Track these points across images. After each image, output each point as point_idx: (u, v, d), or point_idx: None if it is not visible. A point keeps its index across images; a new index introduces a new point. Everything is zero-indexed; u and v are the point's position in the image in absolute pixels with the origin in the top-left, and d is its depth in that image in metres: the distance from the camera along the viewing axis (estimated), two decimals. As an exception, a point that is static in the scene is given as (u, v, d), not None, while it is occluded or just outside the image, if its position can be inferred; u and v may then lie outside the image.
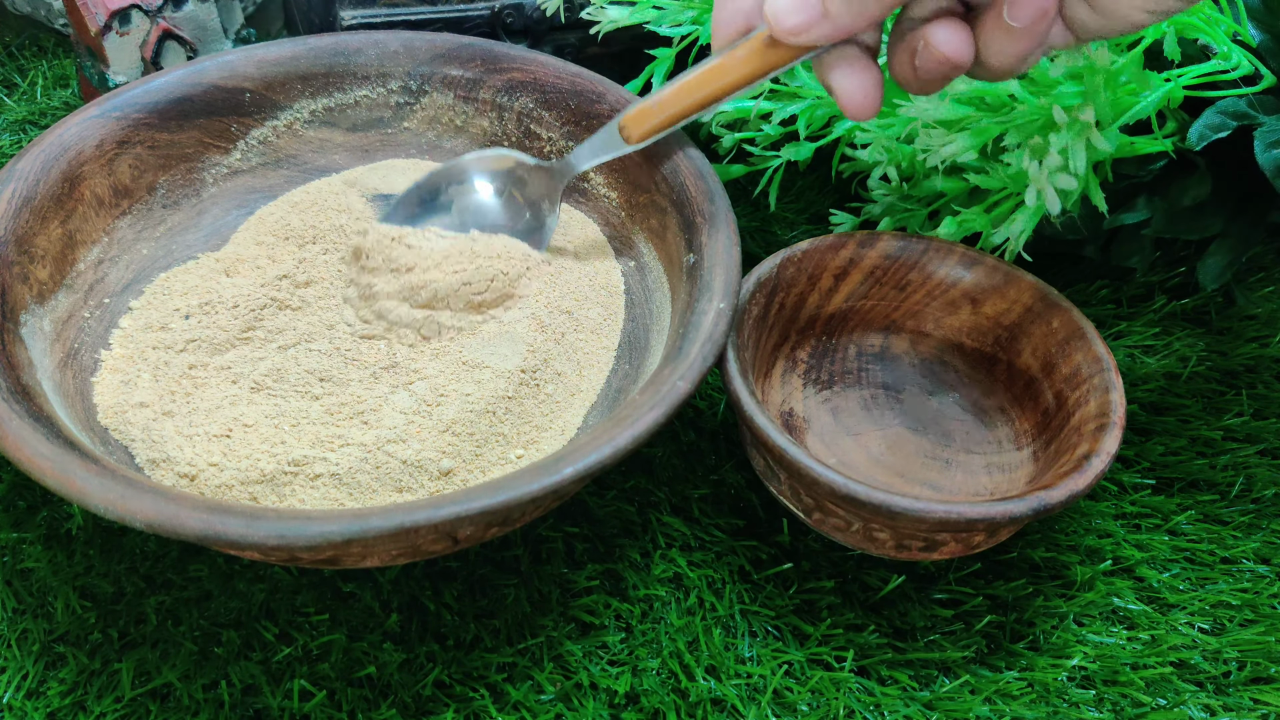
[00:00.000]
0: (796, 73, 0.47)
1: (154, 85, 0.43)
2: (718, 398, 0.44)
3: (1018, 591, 0.38)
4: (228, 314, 0.40)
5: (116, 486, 0.28)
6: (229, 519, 0.27)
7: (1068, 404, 0.38)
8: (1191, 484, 0.42)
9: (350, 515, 0.28)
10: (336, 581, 0.36)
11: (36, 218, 0.38)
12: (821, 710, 0.34)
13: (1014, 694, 0.35)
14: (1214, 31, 0.41)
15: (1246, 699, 0.35)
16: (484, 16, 0.53)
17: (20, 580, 0.36)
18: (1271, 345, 0.48)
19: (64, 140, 0.40)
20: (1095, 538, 0.40)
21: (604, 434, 0.31)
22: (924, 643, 0.36)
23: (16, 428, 0.30)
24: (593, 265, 0.43)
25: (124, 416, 0.36)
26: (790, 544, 0.39)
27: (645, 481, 0.40)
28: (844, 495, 0.33)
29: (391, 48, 0.47)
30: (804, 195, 0.55)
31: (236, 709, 0.33)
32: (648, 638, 0.36)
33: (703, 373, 0.33)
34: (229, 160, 0.46)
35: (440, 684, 0.34)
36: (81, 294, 0.39)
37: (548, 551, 0.38)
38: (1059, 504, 0.32)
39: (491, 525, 0.33)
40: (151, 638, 0.35)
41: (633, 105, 0.38)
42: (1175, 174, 0.46)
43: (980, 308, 0.42)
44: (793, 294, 0.41)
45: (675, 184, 0.41)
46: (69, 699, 0.33)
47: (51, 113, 0.57)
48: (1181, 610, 0.38)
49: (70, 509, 0.38)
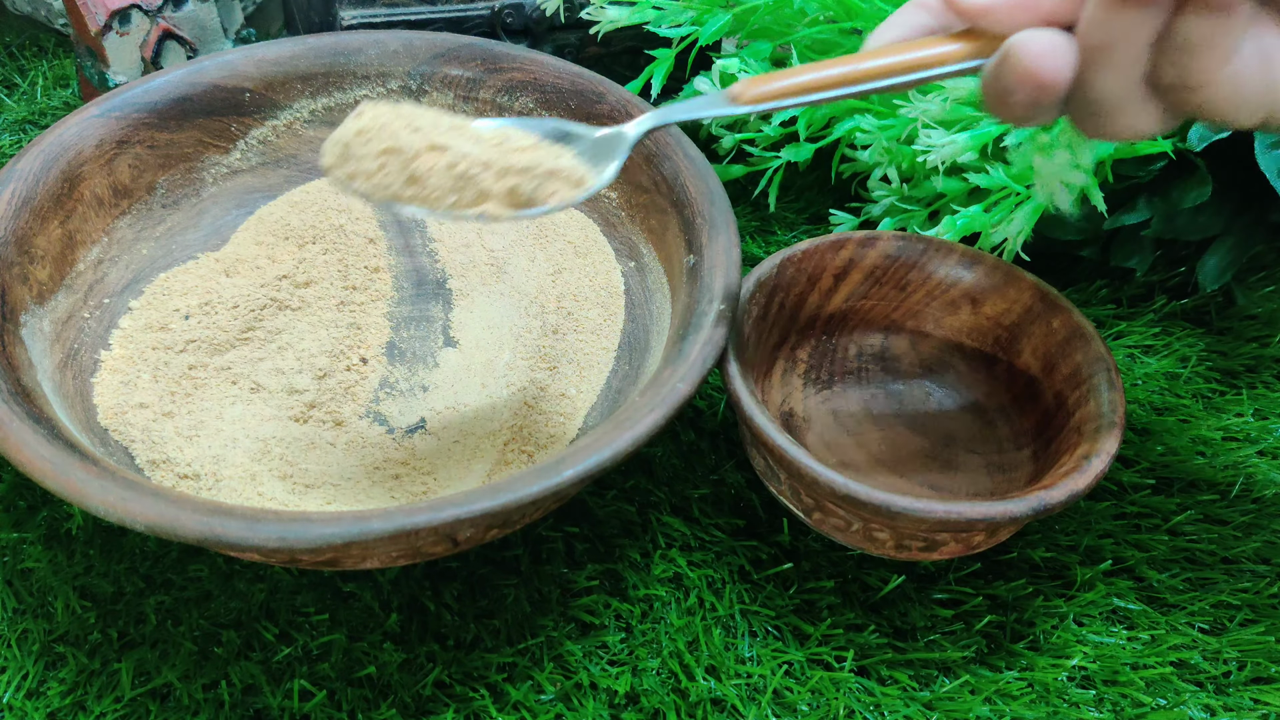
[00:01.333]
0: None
1: (154, 85, 0.43)
2: (718, 398, 0.44)
3: (1018, 591, 0.38)
4: (227, 314, 0.40)
5: (117, 488, 0.28)
6: (229, 521, 0.27)
7: (1068, 404, 0.38)
8: (1191, 484, 0.42)
9: (350, 517, 0.28)
10: (336, 582, 0.36)
11: (36, 218, 0.38)
12: (821, 710, 0.34)
13: (1014, 694, 0.35)
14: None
15: (1246, 699, 0.35)
16: (484, 16, 0.53)
17: (20, 580, 0.36)
18: (1271, 345, 0.48)
19: (64, 140, 0.40)
20: (1095, 538, 0.40)
21: (604, 436, 0.31)
22: (924, 643, 0.36)
23: (17, 429, 0.30)
24: (593, 265, 0.43)
25: (124, 417, 0.36)
26: (790, 544, 0.39)
27: (645, 481, 0.40)
28: (844, 495, 0.33)
29: (391, 47, 0.47)
30: (804, 195, 0.55)
31: (236, 709, 0.33)
32: (648, 638, 0.36)
33: (703, 374, 0.33)
34: (229, 160, 0.46)
35: (440, 684, 0.34)
36: (81, 294, 0.39)
37: (548, 552, 0.38)
38: (1059, 504, 0.32)
39: (491, 527, 0.33)
40: (151, 638, 0.35)
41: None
42: (1175, 174, 0.46)
43: (980, 308, 0.42)
44: (793, 294, 0.41)
45: (675, 184, 0.41)
46: (69, 699, 0.33)
47: (51, 113, 0.57)
48: (1181, 610, 0.38)
49: (70, 509, 0.38)
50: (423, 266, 0.44)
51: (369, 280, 0.42)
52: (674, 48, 0.49)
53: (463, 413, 0.38)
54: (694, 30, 0.49)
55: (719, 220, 0.38)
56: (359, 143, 0.31)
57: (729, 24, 0.48)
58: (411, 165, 0.30)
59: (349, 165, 0.31)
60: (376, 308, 0.42)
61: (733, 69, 0.48)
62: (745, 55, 0.48)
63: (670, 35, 0.49)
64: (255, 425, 0.37)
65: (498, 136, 0.32)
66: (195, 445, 0.36)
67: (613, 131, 0.34)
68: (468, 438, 0.37)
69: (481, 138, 0.31)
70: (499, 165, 0.31)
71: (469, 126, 0.32)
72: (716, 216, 0.38)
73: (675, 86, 0.55)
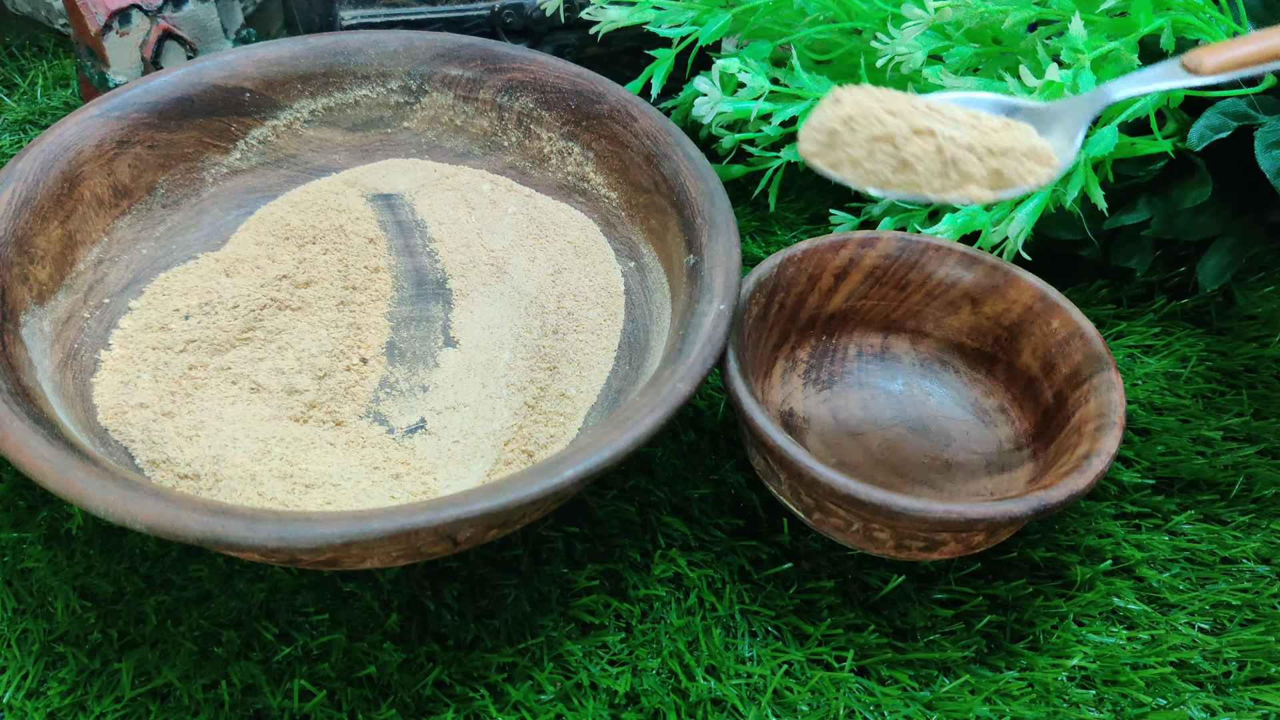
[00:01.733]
0: (797, 73, 0.47)
1: (154, 85, 0.43)
2: (718, 398, 0.44)
3: (1018, 591, 0.38)
4: (227, 314, 0.40)
5: (117, 489, 0.28)
6: (229, 521, 0.27)
7: (1068, 404, 0.38)
8: (1191, 484, 0.42)
9: (350, 518, 0.28)
10: (336, 582, 0.36)
11: (36, 218, 0.38)
12: (821, 710, 0.34)
13: (1014, 694, 0.35)
14: (1214, 31, 0.41)
15: (1246, 699, 0.35)
16: (484, 16, 0.53)
17: (20, 580, 0.36)
18: (1271, 345, 0.48)
19: (64, 140, 0.40)
20: (1095, 538, 0.40)
21: (604, 436, 0.31)
22: (924, 643, 0.36)
23: (17, 430, 0.30)
24: (593, 265, 0.43)
25: (124, 417, 0.36)
26: (790, 544, 0.39)
27: (645, 481, 0.40)
28: (844, 495, 0.33)
29: (391, 47, 0.47)
30: (804, 195, 0.55)
31: (236, 709, 0.33)
32: (648, 638, 0.36)
33: (703, 375, 0.33)
34: (229, 160, 0.46)
35: (440, 684, 0.34)
36: (81, 294, 0.39)
37: (548, 552, 0.38)
38: (1059, 504, 0.32)
39: (491, 527, 0.33)
40: (151, 638, 0.35)
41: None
42: (1175, 174, 0.46)
43: (980, 308, 0.42)
44: (793, 294, 0.41)
45: (675, 185, 0.41)
46: (69, 699, 0.33)
47: (51, 113, 0.57)
48: (1181, 610, 0.38)
49: (70, 509, 0.38)
50: (423, 266, 0.44)
51: (369, 280, 0.42)
52: (674, 48, 0.49)
53: (463, 413, 0.38)
54: (694, 30, 0.49)
55: (719, 220, 0.38)
56: (847, 130, 0.31)
57: (729, 24, 0.48)
58: (902, 151, 0.30)
59: (835, 153, 0.31)
60: (376, 308, 0.42)
61: (733, 69, 0.48)
62: (745, 55, 0.48)
63: (670, 35, 0.49)
64: (255, 425, 0.37)
65: (971, 117, 0.32)
66: (195, 445, 0.36)
67: (1067, 103, 0.33)
68: (468, 438, 0.37)
69: (957, 119, 0.32)
70: (982, 147, 0.31)
71: (941, 106, 0.32)
72: (716, 216, 0.38)
73: (675, 86, 0.55)
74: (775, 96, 0.48)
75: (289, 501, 0.34)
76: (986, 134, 0.31)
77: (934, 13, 0.42)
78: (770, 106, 0.47)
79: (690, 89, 0.51)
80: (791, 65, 0.48)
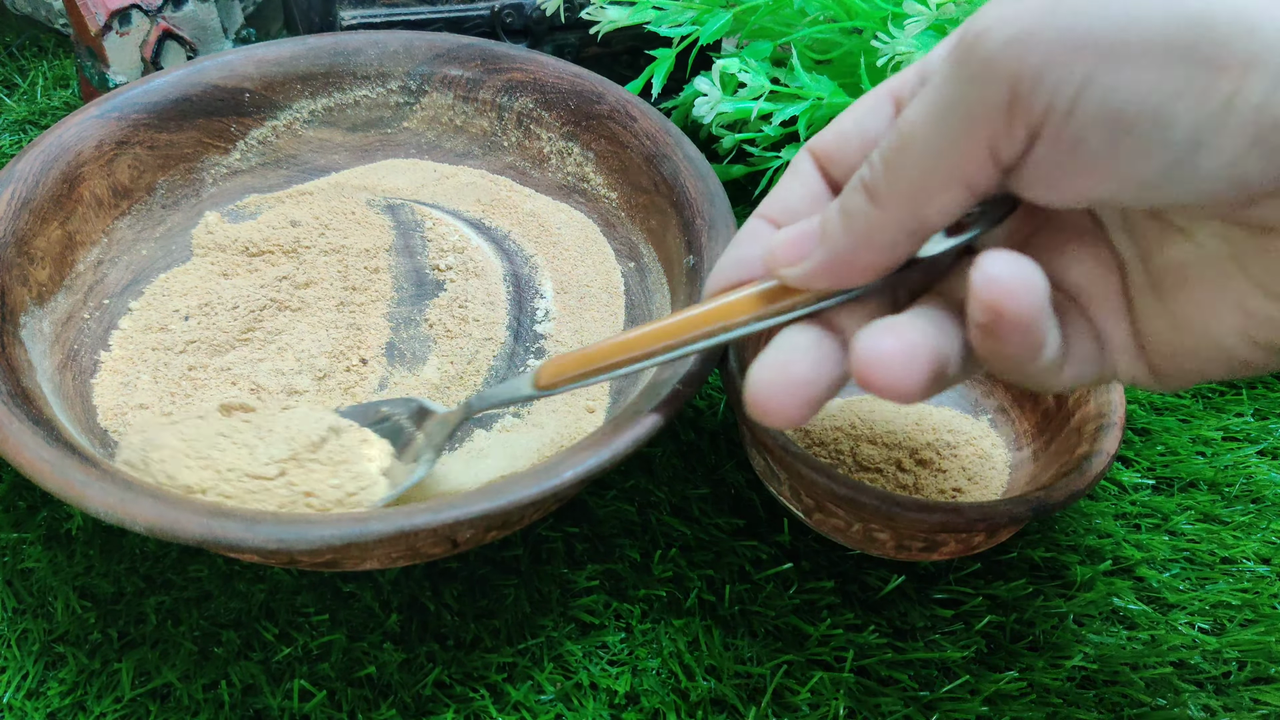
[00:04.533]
0: (797, 73, 0.47)
1: (153, 85, 0.43)
2: (718, 398, 0.44)
3: (1018, 591, 0.38)
4: (227, 315, 0.40)
5: (116, 490, 0.28)
6: (228, 523, 0.27)
7: (1068, 404, 0.38)
8: (1191, 484, 0.42)
9: (349, 519, 0.28)
10: (336, 582, 0.36)
11: (36, 219, 0.38)
12: (821, 710, 0.34)
13: (1014, 694, 0.35)
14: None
15: (1246, 699, 0.35)
16: (484, 16, 0.53)
17: (20, 580, 0.36)
18: (1272, 345, 0.48)
19: (63, 141, 0.40)
20: (1095, 538, 0.40)
21: (604, 437, 0.31)
22: (924, 643, 0.36)
23: (17, 431, 0.30)
24: (593, 265, 0.43)
25: (124, 418, 0.36)
26: (790, 544, 0.39)
27: (645, 481, 0.40)
28: (844, 496, 0.33)
29: (391, 48, 0.47)
30: (804, 195, 0.55)
31: (236, 709, 0.33)
32: (648, 638, 0.36)
33: (703, 376, 0.33)
34: (228, 160, 0.46)
35: (440, 684, 0.34)
36: (81, 295, 0.39)
37: (548, 552, 0.38)
38: (1059, 504, 0.32)
39: (491, 528, 0.33)
40: (151, 638, 0.35)
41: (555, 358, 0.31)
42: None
43: (980, 308, 0.42)
44: (792, 294, 0.41)
45: (675, 185, 0.41)
46: (69, 699, 0.33)
47: (51, 113, 0.57)
48: (1181, 610, 0.38)
49: (70, 509, 0.38)
50: (423, 267, 0.44)
51: (369, 281, 0.42)
52: (674, 48, 0.49)
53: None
54: (694, 30, 0.49)
55: (719, 221, 0.38)
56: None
57: (729, 24, 0.48)
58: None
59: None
60: (376, 308, 0.42)
61: (733, 69, 0.48)
62: (745, 55, 0.48)
63: (670, 35, 0.49)
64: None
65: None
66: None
67: (447, 412, 0.34)
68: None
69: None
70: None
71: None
72: (716, 217, 0.38)
73: (675, 86, 0.55)
74: (775, 96, 0.48)
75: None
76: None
77: (936, 9, 0.42)
78: (770, 106, 0.47)
79: (690, 89, 0.51)
80: (792, 65, 0.47)
